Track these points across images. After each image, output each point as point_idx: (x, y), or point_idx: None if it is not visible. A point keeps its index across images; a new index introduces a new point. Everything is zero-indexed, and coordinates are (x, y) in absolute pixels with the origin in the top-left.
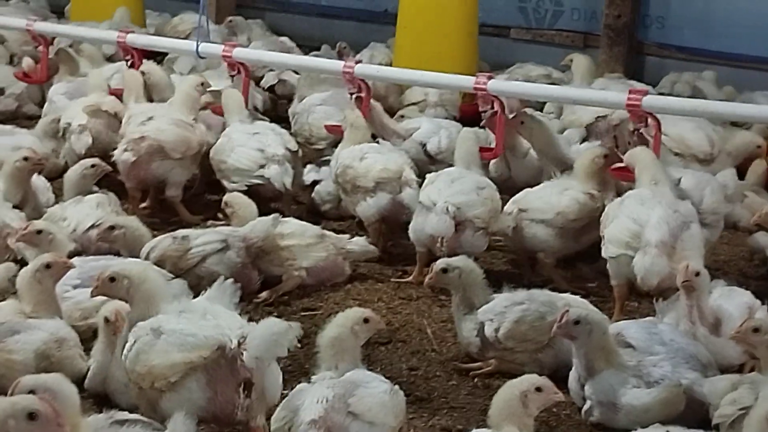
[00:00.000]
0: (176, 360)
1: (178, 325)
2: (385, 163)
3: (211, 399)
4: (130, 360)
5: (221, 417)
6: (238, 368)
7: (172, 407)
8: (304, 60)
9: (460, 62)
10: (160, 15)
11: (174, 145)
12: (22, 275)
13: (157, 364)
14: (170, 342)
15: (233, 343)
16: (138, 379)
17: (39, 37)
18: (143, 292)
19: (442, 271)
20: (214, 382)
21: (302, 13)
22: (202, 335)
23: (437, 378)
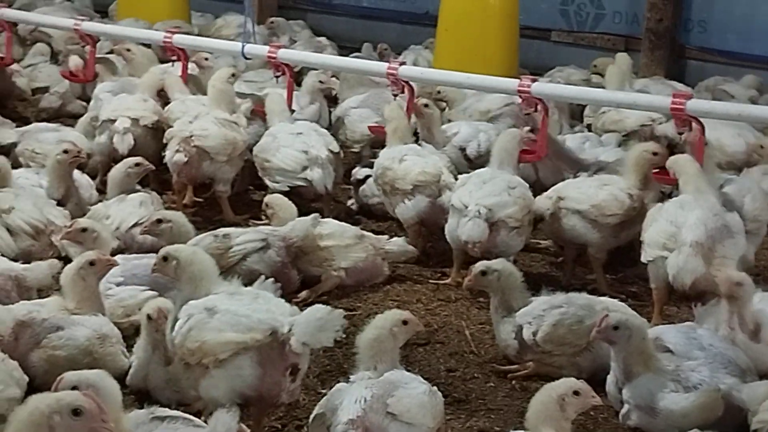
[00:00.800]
0: (229, 339)
1: (232, 306)
2: (424, 166)
3: (260, 379)
4: (182, 335)
5: (266, 398)
6: (287, 353)
7: (218, 384)
8: (348, 61)
9: (501, 65)
10: (203, 16)
11: (219, 149)
12: (66, 272)
13: (209, 341)
14: (224, 321)
15: (285, 328)
16: (187, 354)
17: (86, 36)
18: (190, 274)
19: (481, 273)
20: (264, 363)
21: (344, 14)
22: (256, 318)
23: (475, 380)
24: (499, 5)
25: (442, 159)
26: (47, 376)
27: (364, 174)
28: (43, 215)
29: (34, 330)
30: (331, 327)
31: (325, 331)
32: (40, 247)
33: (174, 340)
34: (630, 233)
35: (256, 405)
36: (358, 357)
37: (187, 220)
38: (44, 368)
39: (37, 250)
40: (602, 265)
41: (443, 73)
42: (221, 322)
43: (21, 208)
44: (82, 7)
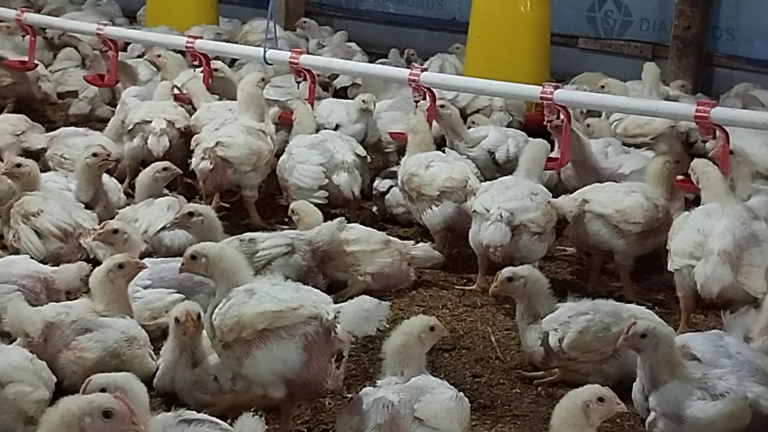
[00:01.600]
0: (266, 308)
1: (272, 291)
2: (450, 172)
3: (306, 364)
4: (221, 315)
5: (311, 384)
6: (333, 339)
7: (264, 364)
8: (370, 67)
9: (532, 72)
10: (230, 21)
11: (243, 159)
12: (95, 274)
13: (246, 313)
14: (262, 300)
15: (330, 315)
16: (226, 332)
17: (109, 41)
18: (221, 269)
19: (507, 279)
20: (311, 348)
21: (370, 20)
22: (297, 297)
23: (501, 386)
24: (531, 13)
25: (468, 165)
26: (75, 378)
27: (387, 185)
28: (72, 218)
29: (63, 332)
30: (376, 318)
31: (370, 322)
32: (68, 249)
33: (214, 323)
34: (656, 241)
35: (301, 392)
36: (385, 362)
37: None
38: (72, 370)
39: (66, 252)
40: (629, 272)
41: (465, 80)
42: (259, 301)
43: (49, 211)
44: (112, 11)
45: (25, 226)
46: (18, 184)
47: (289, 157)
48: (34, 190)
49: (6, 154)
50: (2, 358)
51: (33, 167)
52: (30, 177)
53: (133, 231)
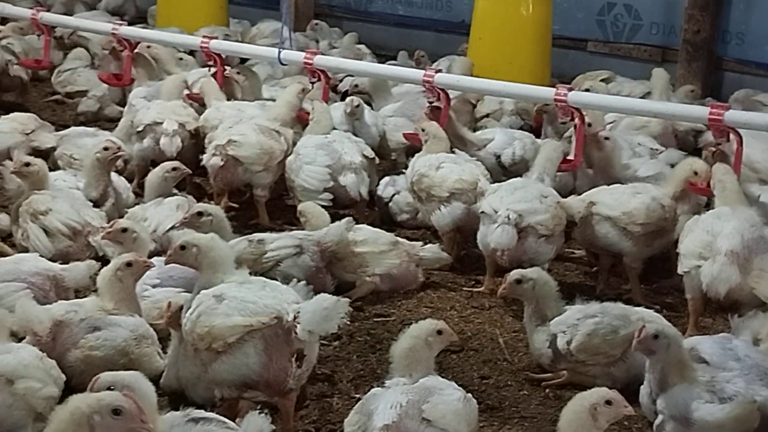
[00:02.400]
0: (236, 322)
1: (240, 293)
2: (460, 173)
3: (265, 365)
4: (191, 322)
5: (273, 384)
6: (292, 339)
7: (227, 369)
8: (384, 69)
9: (534, 73)
10: (240, 22)
11: (254, 158)
12: (103, 273)
13: (218, 325)
14: (231, 307)
15: (290, 316)
16: (197, 339)
17: (124, 40)
18: (210, 259)
19: (515, 282)
20: (270, 349)
21: (379, 22)
22: (261, 303)
23: (509, 387)
24: (532, 14)
25: (479, 166)
26: (84, 376)
27: (390, 193)
28: (81, 216)
29: (71, 330)
30: (336, 316)
31: (330, 320)
32: (77, 248)
33: (184, 327)
34: (663, 242)
35: (264, 391)
36: (393, 366)
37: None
38: (81, 368)
39: (74, 251)
40: (638, 275)
41: (479, 81)
42: (229, 308)
43: (58, 209)
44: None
45: (34, 224)
46: (27, 183)
47: (297, 158)
48: (42, 189)
49: (15, 153)
50: (12, 356)
51: (42, 166)
52: (39, 176)
53: (142, 230)
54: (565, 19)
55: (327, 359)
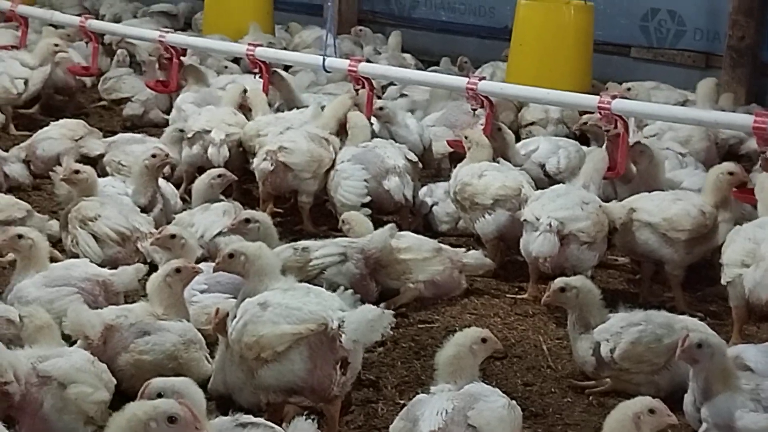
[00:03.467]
0: (285, 330)
1: (284, 300)
2: (504, 181)
3: (310, 372)
4: (237, 331)
5: (318, 390)
6: (337, 347)
7: (273, 376)
8: (427, 76)
9: (574, 80)
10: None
11: (304, 166)
12: (152, 279)
13: (266, 334)
14: (276, 314)
15: (335, 323)
16: (244, 349)
17: (170, 48)
18: (258, 268)
19: (559, 290)
20: (315, 356)
21: (423, 29)
22: (307, 310)
23: (552, 394)
24: (574, 20)
25: (522, 174)
26: (133, 380)
27: (430, 203)
28: (129, 222)
29: (121, 334)
30: (380, 327)
31: (375, 331)
32: (126, 253)
33: (231, 336)
34: (703, 250)
35: (309, 397)
36: (437, 372)
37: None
38: (131, 372)
39: (123, 256)
40: (680, 283)
41: (522, 89)
42: (274, 315)
43: (107, 215)
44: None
45: (83, 230)
46: (76, 190)
47: (335, 173)
48: (91, 196)
49: (65, 160)
50: (65, 360)
51: (90, 174)
52: (88, 183)
53: (190, 236)
54: (609, 25)
55: (372, 365)
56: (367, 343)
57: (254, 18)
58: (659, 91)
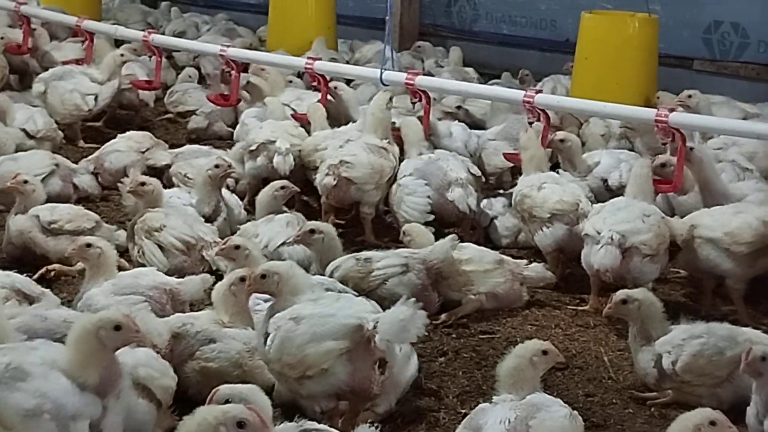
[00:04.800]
0: (330, 348)
1: (316, 310)
2: (562, 194)
3: (351, 374)
4: (275, 349)
5: (359, 391)
6: (373, 348)
7: (316, 387)
8: (484, 89)
9: (639, 93)
10: (346, 42)
11: (366, 178)
12: (218, 288)
13: (310, 354)
14: (312, 324)
15: (370, 325)
16: (285, 368)
17: (231, 62)
18: (291, 287)
19: (621, 302)
20: (354, 359)
21: (484, 42)
22: (341, 315)
23: (613, 405)
24: (638, 34)
25: (581, 187)
26: (199, 387)
27: (489, 218)
28: (194, 231)
29: (188, 342)
30: (414, 327)
31: (407, 331)
32: (191, 262)
33: (267, 354)
34: (766, 262)
35: (351, 399)
36: (499, 383)
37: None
38: (197, 379)
39: (189, 265)
40: (741, 296)
41: (579, 102)
42: (309, 326)
43: (172, 225)
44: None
45: (149, 241)
46: (142, 202)
47: (398, 188)
48: (157, 207)
49: (131, 171)
50: (132, 353)
51: (156, 186)
52: (153, 195)
53: (254, 247)
54: (671, 38)
55: (433, 375)
56: (400, 343)
57: (317, 32)
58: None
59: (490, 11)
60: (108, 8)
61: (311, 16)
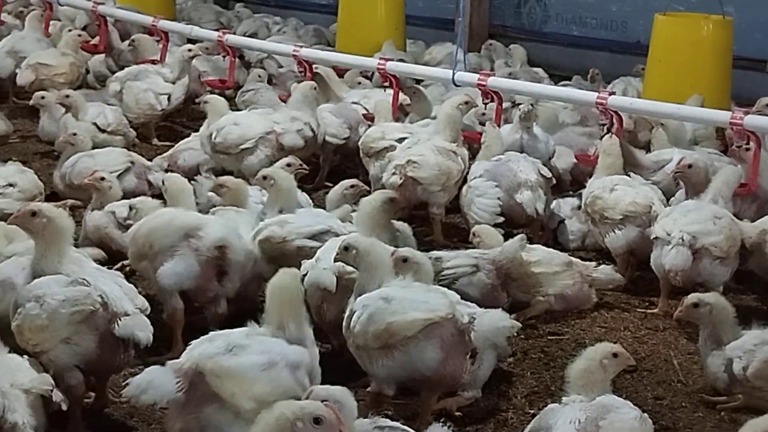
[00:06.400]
0: (416, 317)
1: (407, 294)
2: (634, 197)
3: (442, 362)
4: (362, 324)
5: (448, 379)
6: (466, 341)
7: (400, 365)
8: (556, 90)
9: (713, 96)
10: (415, 43)
11: (433, 179)
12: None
13: (396, 321)
14: (403, 305)
15: (465, 318)
16: (371, 339)
17: (303, 62)
18: (367, 263)
19: (693, 305)
20: (447, 348)
21: (554, 43)
22: (434, 302)
23: (683, 409)
24: (712, 36)
25: (654, 190)
26: None
27: (557, 221)
28: None
29: None
30: (508, 332)
31: (502, 335)
32: None
33: (353, 329)
34: None
35: (435, 388)
36: (569, 385)
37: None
38: None
39: None
40: None
41: (652, 104)
42: (401, 306)
43: None
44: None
45: None
46: (225, 201)
47: (468, 190)
48: (240, 206)
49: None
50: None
51: (238, 185)
52: (236, 194)
53: None
54: (744, 40)
55: (502, 375)
56: (494, 341)
57: (386, 33)
58: None
59: (560, 12)
60: (181, 8)
61: (381, 17)
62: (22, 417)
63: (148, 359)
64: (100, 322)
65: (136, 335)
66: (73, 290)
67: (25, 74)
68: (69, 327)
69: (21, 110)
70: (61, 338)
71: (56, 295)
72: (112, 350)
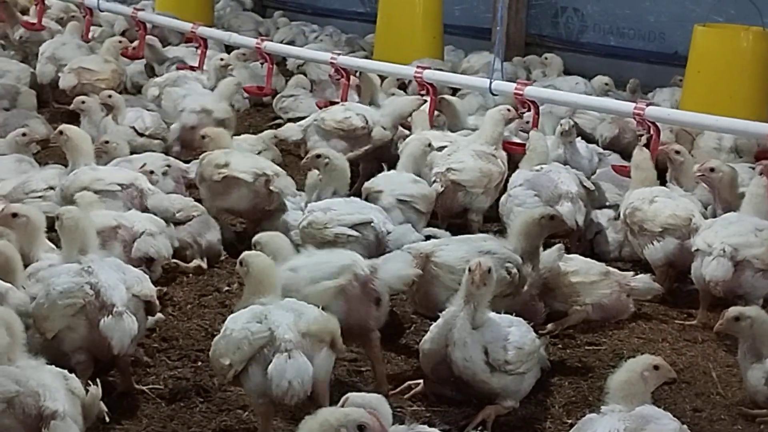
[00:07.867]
0: (327, 286)
1: (311, 260)
2: (674, 209)
3: (346, 313)
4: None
5: (356, 328)
6: (370, 289)
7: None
8: (594, 100)
9: (752, 108)
10: (455, 51)
11: (474, 182)
12: None
13: (309, 293)
14: (311, 271)
15: (366, 270)
16: None
17: (341, 69)
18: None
19: (734, 319)
20: (350, 299)
21: (591, 53)
22: (337, 263)
23: (722, 421)
24: (752, 47)
25: (693, 201)
26: None
27: (594, 231)
28: None
29: None
30: (410, 279)
31: (402, 278)
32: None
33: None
34: None
35: (349, 338)
36: (609, 396)
37: None
38: None
39: None
40: None
41: (691, 115)
42: (308, 272)
43: None
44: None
45: None
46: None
47: (507, 199)
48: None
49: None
50: None
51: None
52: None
53: None
54: None
55: (539, 385)
56: (398, 285)
57: (424, 41)
58: None
59: (597, 22)
60: (219, 15)
61: (418, 25)
62: (62, 405)
63: None
64: (92, 314)
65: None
66: (70, 281)
67: (67, 78)
68: (65, 318)
69: (61, 114)
70: (62, 326)
71: (57, 286)
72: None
